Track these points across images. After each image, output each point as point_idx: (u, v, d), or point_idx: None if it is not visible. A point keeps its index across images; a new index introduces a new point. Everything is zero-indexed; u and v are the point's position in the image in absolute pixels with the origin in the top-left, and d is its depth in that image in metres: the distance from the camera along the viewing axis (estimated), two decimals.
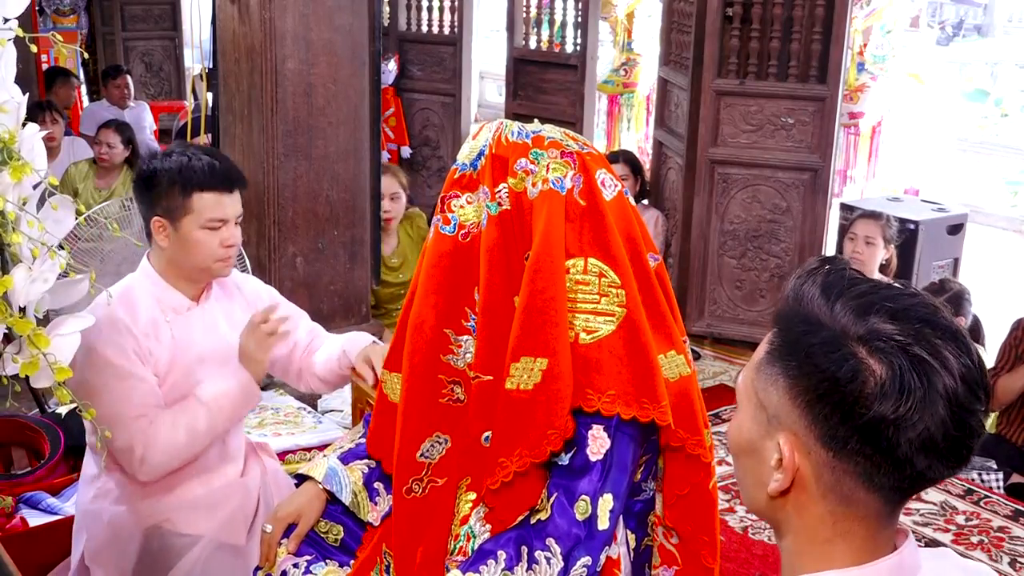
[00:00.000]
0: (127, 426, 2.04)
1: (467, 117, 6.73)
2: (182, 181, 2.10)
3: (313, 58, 3.68)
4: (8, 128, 1.39)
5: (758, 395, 1.01)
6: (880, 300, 0.95)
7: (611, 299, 1.62)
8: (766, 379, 1.00)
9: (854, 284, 0.97)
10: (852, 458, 0.94)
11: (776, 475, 0.98)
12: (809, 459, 0.96)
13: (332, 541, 1.82)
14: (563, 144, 1.66)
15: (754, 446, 1.01)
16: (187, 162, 2.11)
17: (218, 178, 2.12)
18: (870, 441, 0.92)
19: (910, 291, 0.98)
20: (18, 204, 1.38)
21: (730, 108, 4.67)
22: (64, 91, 6.67)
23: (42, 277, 1.41)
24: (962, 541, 3.06)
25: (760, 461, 1.01)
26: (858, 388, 0.91)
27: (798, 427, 0.96)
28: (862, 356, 0.92)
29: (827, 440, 0.94)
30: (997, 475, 3.44)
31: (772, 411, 0.99)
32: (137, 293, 2.15)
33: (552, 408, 1.58)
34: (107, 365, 2.04)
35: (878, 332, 0.92)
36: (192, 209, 2.10)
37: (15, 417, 3.06)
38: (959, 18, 17.08)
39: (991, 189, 8.76)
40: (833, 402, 0.93)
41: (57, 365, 1.43)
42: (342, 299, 3.97)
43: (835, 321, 0.95)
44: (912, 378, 0.90)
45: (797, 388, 0.96)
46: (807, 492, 0.97)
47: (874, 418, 0.91)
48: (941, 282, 3.90)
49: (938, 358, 0.91)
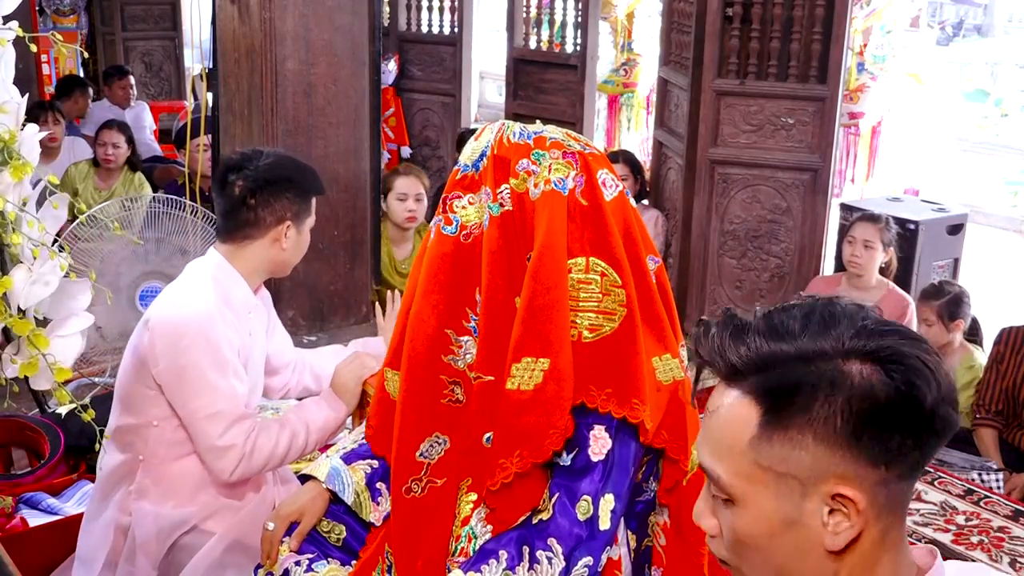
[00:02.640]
0: (232, 424, 2.10)
1: (467, 117, 6.73)
2: (308, 187, 2.28)
3: (313, 58, 3.68)
4: (8, 128, 1.39)
5: (775, 470, 0.95)
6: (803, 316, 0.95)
7: (613, 298, 1.63)
8: (782, 449, 0.94)
9: (772, 312, 0.97)
10: (905, 457, 0.93)
11: (842, 525, 0.94)
12: (862, 488, 0.93)
13: (334, 541, 1.83)
14: (565, 144, 1.67)
15: (791, 521, 0.96)
16: (298, 167, 2.30)
17: (319, 181, 2.36)
18: (925, 429, 0.93)
19: (797, 302, 0.98)
20: (19, 204, 1.38)
21: (730, 108, 4.66)
22: (83, 100, 6.66)
23: (43, 279, 1.41)
24: (962, 541, 3.06)
25: (803, 530, 0.95)
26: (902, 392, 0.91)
27: (842, 467, 0.93)
28: (862, 370, 0.92)
29: (878, 457, 0.92)
30: (997, 475, 3.44)
31: (807, 473, 0.94)
32: (223, 285, 2.20)
33: (553, 409, 1.58)
34: (219, 358, 2.10)
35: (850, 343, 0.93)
36: (310, 212, 2.29)
37: (15, 417, 3.06)
38: (959, 18, 17.07)
39: (991, 189, 8.75)
40: (882, 420, 0.92)
41: (56, 366, 1.43)
42: (342, 299, 3.98)
43: (801, 350, 0.94)
44: (912, 361, 0.92)
45: (830, 432, 0.92)
46: (868, 522, 0.95)
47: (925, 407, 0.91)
48: (940, 284, 3.90)
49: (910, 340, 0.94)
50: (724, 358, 0.97)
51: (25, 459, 3.06)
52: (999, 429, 3.56)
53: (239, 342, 2.17)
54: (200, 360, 2.07)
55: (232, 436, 2.10)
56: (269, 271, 2.30)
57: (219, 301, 2.15)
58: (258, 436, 2.14)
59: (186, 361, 2.06)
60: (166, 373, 2.07)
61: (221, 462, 2.13)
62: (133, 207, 3.45)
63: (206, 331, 2.07)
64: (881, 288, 4.04)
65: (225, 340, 2.11)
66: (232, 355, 2.13)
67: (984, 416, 3.57)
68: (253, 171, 2.22)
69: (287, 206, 2.23)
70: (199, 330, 2.08)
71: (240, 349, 2.18)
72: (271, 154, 2.29)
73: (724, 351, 0.97)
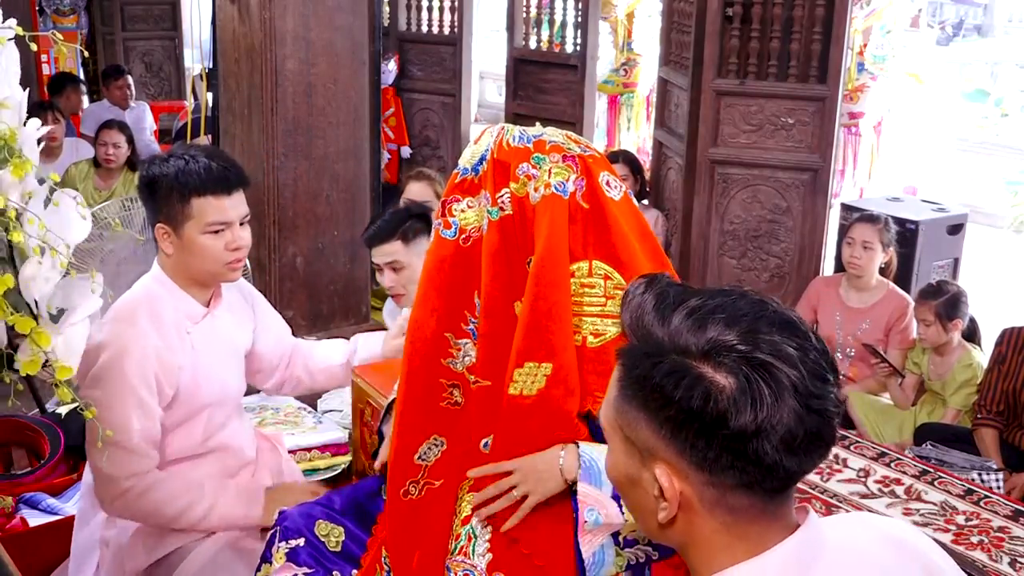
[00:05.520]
0: (120, 455, 2.00)
1: (467, 117, 6.72)
2: (179, 186, 2.03)
3: (313, 58, 3.68)
4: (9, 125, 1.39)
5: (623, 430, 1.01)
6: (712, 309, 0.96)
7: (618, 301, 1.62)
8: (627, 417, 1.00)
9: (684, 298, 0.98)
10: (727, 472, 0.95)
11: (662, 504, 0.99)
12: (688, 482, 0.97)
13: (333, 546, 1.82)
14: (565, 148, 1.66)
15: (633, 479, 1.02)
16: (184, 165, 2.04)
17: (216, 181, 2.04)
18: (739, 455, 0.93)
19: (737, 292, 0.99)
20: (22, 201, 1.39)
21: (730, 108, 4.66)
22: (75, 97, 6.69)
23: (43, 276, 1.41)
24: (962, 541, 3.06)
25: (644, 492, 1.01)
26: (713, 409, 0.92)
27: (669, 456, 0.97)
28: (708, 375, 0.93)
29: (699, 462, 0.95)
30: (997, 475, 3.44)
31: (641, 444, 0.99)
32: (158, 301, 2.10)
33: (556, 414, 1.58)
34: (124, 385, 1.99)
35: (718, 345, 0.94)
36: (192, 214, 2.04)
37: (15, 417, 3.06)
38: (959, 18, 17.08)
39: (991, 189, 8.75)
40: (694, 429, 0.94)
41: (58, 363, 1.43)
42: (342, 299, 3.98)
43: (674, 341, 0.96)
44: (759, 385, 0.92)
45: (656, 421, 0.96)
46: (695, 511, 0.98)
47: (736, 433, 0.92)
48: (939, 284, 3.90)
49: (779, 355, 0.93)
50: (623, 310, 1.02)
51: (25, 459, 3.06)
52: (1000, 429, 3.56)
53: (169, 363, 2.06)
54: (103, 395, 1.97)
55: (116, 467, 2.01)
56: (193, 280, 2.13)
57: (144, 324, 2.04)
58: (156, 484, 2.05)
59: (91, 393, 1.97)
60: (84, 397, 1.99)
61: (102, 491, 2.07)
62: (133, 207, 3.45)
63: (115, 363, 1.97)
64: (881, 288, 4.04)
65: (136, 372, 2.00)
66: (144, 386, 2.02)
67: (985, 416, 3.57)
68: (139, 175, 2.11)
69: (160, 209, 2.05)
70: (107, 363, 1.98)
71: (167, 373, 2.06)
72: (171, 153, 2.12)
73: (626, 304, 1.02)
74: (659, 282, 1.02)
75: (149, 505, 2.07)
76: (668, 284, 1.01)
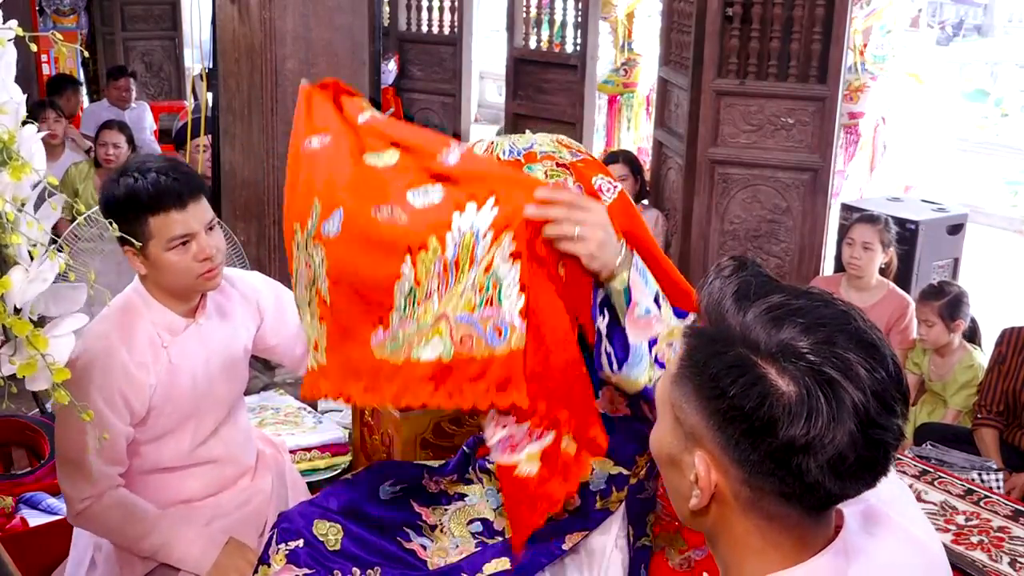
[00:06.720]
0: (75, 475, 1.99)
1: (467, 117, 6.74)
2: (132, 207, 1.95)
3: (313, 58, 3.68)
4: (8, 128, 1.39)
5: (674, 409, 0.99)
6: (793, 311, 0.92)
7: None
8: (681, 395, 0.97)
9: (768, 292, 0.95)
10: (767, 478, 0.92)
11: (695, 491, 0.96)
12: (727, 477, 0.95)
13: (332, 545, 1.81)
14: (556, 156, 1.66)
15: (674, 459, 1.00)
16: (133, 184, 1.95)
17: (168, 195, 1.95)
18: (781, 464, 0.90)
19: (824, 298, 0.95)
20: (16, 205, 1.38)
21: (730, 108, 4.67)
22: (74, 99, 6.70)
23: (40, 276, 1.40)
24: (962, 541, 3.06)
25: (681, 475, 0.99)
26: (766, 413, 0.89)
27: (713, 446, 0.94)
28: (771, 377, 0.90)
29: (741, 461, 0.93)
30: (997, 475, 3.44)
31: (688, 427, 0.97)
32: (134, 315, 2.06)
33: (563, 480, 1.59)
34: (84, 401, 1.89)
35: (788, 349, 0.90)
36: (152, 233, 1.97)
37: (15, 417, 3.06)
38: (959, 18, 17.09)
39: (991, 189, 8.75)
40: (742, 428, 0.91)
41: (55, 366, 1.43)
42: None
43: (746, 335, 0.92)
44: (819, 401, 0.88)
45: (708, 410, 0.94)
46: (729, 507, 0.96)
47: (783, 443, 0.89)
48: (940, 284, 3.89)
49: (848, 375, 0.89)
50: (704, 288, 0.99)
51: (25, 459, 3.06)
52: (1000, 429, 3.56)
53: (139, 381, 2.02)
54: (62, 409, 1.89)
55: (71, 487, 2.01)
56: (171, 294, 2.08)
57: (114, 340, 2.00)
58: (107, 510, 2.02)
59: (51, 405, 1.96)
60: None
61: (66, 503, 2.07)
62: None
63: (79, 378, 1.87)
64: (881, 288, 4.04)
65: (98, 388, 1.96)
66: (108, 405, 1.98)
67: (985, 416, 3.57)
68: (100, 196, 2.03)
69: (122, 230, 1.87)
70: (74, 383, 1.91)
71: (136, 390, 2.02)
72: (125, 169, 2.02)
73: (706, 284, 0.99)
74: (747, 269, 0.99)
75: (102, 529, 2.08)
76: (755, 273, 0.98)
